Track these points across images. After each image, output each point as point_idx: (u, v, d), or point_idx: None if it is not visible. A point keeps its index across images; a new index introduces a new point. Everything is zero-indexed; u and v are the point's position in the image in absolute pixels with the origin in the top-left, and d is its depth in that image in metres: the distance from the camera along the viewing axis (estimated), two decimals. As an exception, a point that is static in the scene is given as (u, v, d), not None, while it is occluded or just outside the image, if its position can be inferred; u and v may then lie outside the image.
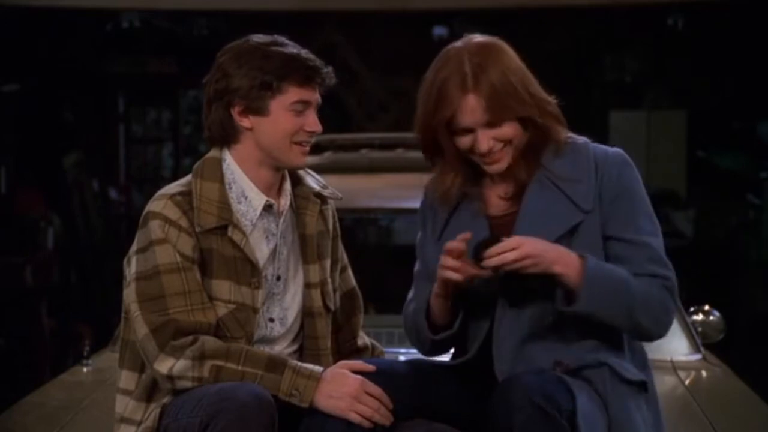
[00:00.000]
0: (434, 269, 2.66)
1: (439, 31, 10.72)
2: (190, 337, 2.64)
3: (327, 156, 4.71)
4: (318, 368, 2.63)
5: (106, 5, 9.76)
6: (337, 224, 2.91)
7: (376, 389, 2.58)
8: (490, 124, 2.63)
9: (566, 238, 2.62)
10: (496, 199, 2.71)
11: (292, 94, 2.70)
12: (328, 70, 2.75)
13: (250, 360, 2.62)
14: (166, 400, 2.67)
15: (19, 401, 3.42)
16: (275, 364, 2.62)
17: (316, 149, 4.80)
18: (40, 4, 9.19)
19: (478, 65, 2.62)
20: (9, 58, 9.86)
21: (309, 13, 9.45)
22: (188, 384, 2.63)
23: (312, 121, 2.73)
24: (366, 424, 2.56)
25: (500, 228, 2.65)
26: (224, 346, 2.64)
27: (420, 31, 10.52)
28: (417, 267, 2.83)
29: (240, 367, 2.61)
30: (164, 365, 2.64)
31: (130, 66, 11.55)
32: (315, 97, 2.73)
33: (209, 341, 2.64)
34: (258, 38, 2.75)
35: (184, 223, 2.70)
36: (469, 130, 2.64)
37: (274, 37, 2.75)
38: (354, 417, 2.55)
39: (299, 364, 2.64)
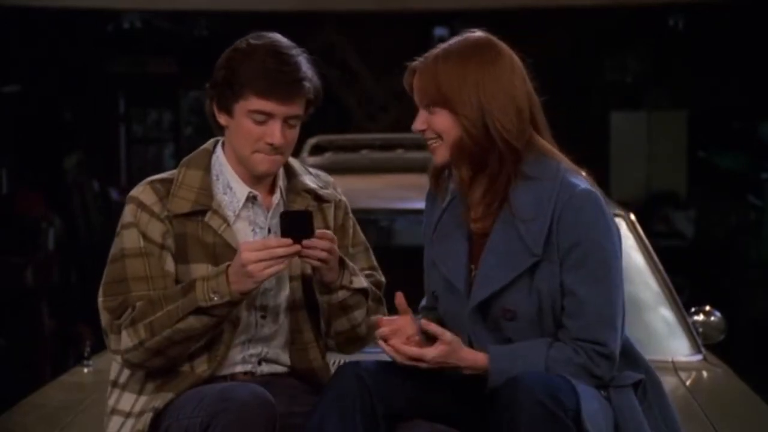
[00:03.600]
0: (427, 273, 2.77)
1: (439, 31, 10.72)
2: (128, 310, 2.68)
3: (327, 156, 4.72)
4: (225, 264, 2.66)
5: (106, 5, 9.76)
6: (348, 222, 2.90)
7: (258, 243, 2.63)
8: (422, 102, 2.67)
9: (525, 282, 2.61)
10: (477, 209, 2.69)
11: (252, 102, 2.70)
12: (306, 85, 2.71)
13: (169, 298, 2.65)
14: (158, 403, 2.68)
15: (19, 402, 3.42)
16: (188, 286, 2.65)
17: (317, 150, 4.80)
18: (40, 4, 9.20)
19: (445, 50, 2.65)
20: (10, 58, 9.86)
21: (309, 13, 9.44)
22: (137, 354, 2.67)
23: (273, 134, 2.70)
24: (287, 256, 2.59)
25: (475, 250, 2.67)
26: (146, 301, 2.67)
27: (420, 31, 10.52)
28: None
29: (165, 309, 2.64)
30: (114, 345, 2.70)
31: (130, 66, 11.56)
32: (280, 110, 2.69)
33: (138, 305, 2.68)
34: (256, 38, 2.75)
35: (157, 208, 2.73)
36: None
37: (272, 43, 2.73)
38: (270, 272, 2.59)
39: (210, 271, 2.66)
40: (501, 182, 2.63)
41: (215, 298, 2.61)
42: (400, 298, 2.67)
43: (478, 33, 2.70)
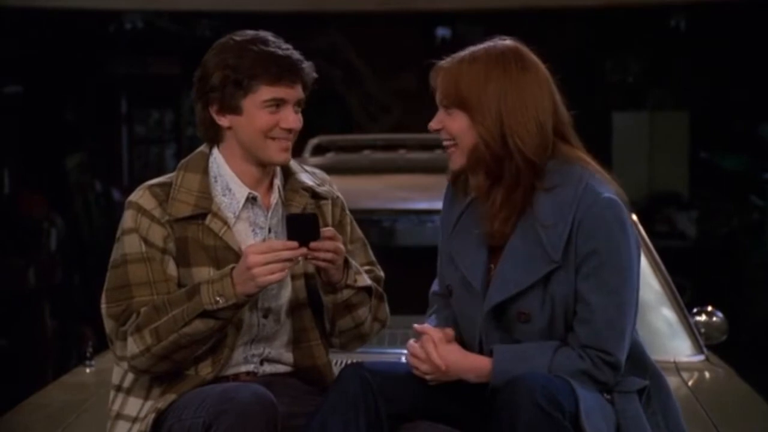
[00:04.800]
0: (443, 265, 2.74)
1: (441, 32, 10.72)
2: (133, 316, 2.67)
3: (329, 157, 4.72)
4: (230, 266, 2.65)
5: (108, 6, 9.76)
6: (346, 218, 2.90)
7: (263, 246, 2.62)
8: (441, 102, 2.65)
9: (541, 286, 2.61)
10: (496, 219, 2.67)
11: (264, 92, 2.70)
12: (306, 65, 2.73)
13: (174, 303, 2.65)
14: (160, 405, 2.68)
15: (22, 402, 3.43)
16: (193, 290, 2.65)
17: (319, 150, 4.80)
18: (42, 5, 9.19)
19: (472, 54, 2.63)
20: (12, 59, 9.86)
21: (311, 14, 9.44)
22: (143, 360, 2.66)
23: (288, 119, 2.72)
24: (287, 265, 2.59)
25: (495, 251, 2.66)
26: (150, 307, 2.67)
27: (422, 31, 10.51)
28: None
29: (170, 314, 2.64)
30: (120, 352, 2.70)
31: (132, 67, 11.55)
32: (291, 93, 2.72)
33: (142, 310, 2.67)
34: (239, 35, 2.76)
35: (157, 213, 2.73)
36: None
37: (257, 34, 2.75)
38: (274, 277, 2.58)
39: (214, 274, 2.66)
40: (518, 195, 2.62)
41: (220, 301, 2.61)
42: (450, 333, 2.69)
43: (508, 41, 2.68)
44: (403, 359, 2.72)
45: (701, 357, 3.67)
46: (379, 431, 2.61)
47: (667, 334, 3.72)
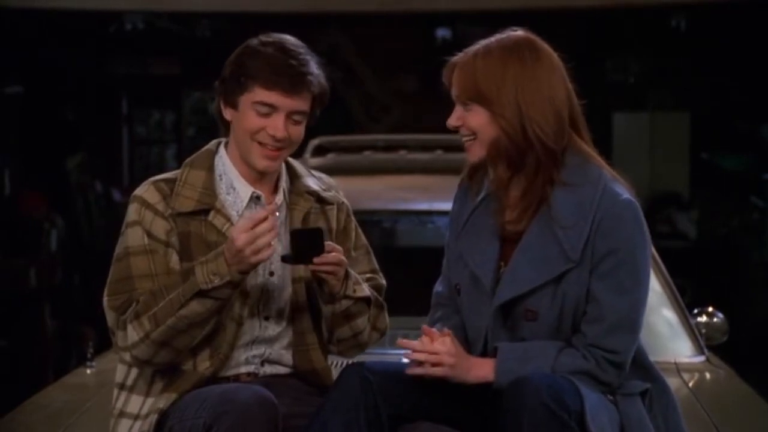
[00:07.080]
0: (451, 264, 2.75)
1: (441, 32, 10.72)
2: (133, 305, 2.69)
3: (330, 157, 4.72)
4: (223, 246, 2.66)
5: (108, 6, 9.76)
6: (351, 224, 2.91)
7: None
8: (459, 98, 2.65)
9: (552, 285, 2.61)
10: (513, 211, 2.68)
11: (257, 94, 2.72)
12: (311, 78, 2.73)
13: (170, 287, 2.66)
14: (162, 405, 2.69)
15: (22, 403, 3.43)
16: (188, 272, 2.66)
17: (320, 151, 4.80)
18: (42, 5, 9.20)
19: (486, 47, 2.64)
20: (13, 60, 9.86)
21: (312, 14, 9.44)
22: (143, 347, 2.67)
23: (274, 126, 2.72)
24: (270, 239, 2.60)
25: (506, 249, 2.66)
26: (149, 294, 2.68)
27: (423, 32, 10.52)
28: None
29: (167, 298, 2.65)
30: (121, 342, 2.70)
31: (133, 67, 11.55)
32: (285, 102, 2.72)
33: (141, 298, 2.68)
34: (264, 37, 2.78)
35: (161, 207, 2.75)
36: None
37: (279, 38, 2.77)
38: (263, 255, 2.60)
39: (208, 254, 2.67)
40: (538, 184, 2.62)
41: (216, 280, 2.63)
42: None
43: (520, 32, 2.70)
44: (404, 360, 2.72)
45: (702, 358, 3.67)
46: (379, 431, 2.61)
47: (668, 335, 3.72)
